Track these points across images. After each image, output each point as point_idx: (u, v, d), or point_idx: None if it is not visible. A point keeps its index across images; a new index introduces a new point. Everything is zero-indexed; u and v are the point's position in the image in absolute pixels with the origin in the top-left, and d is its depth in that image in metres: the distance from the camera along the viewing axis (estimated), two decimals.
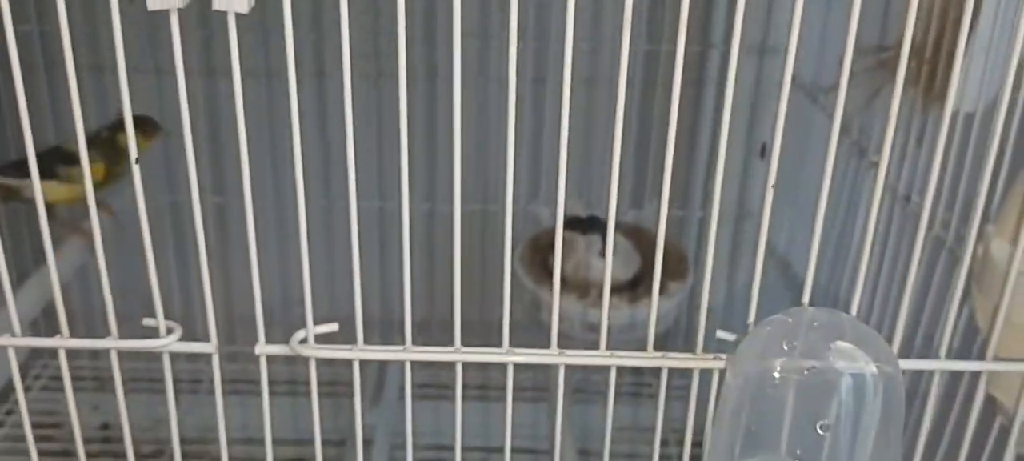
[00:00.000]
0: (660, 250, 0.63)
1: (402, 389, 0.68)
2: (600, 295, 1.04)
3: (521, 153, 1.20)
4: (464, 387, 0.67)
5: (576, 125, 1.14)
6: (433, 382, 1.20)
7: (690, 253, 1.22)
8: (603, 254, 1.06)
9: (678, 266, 1.12)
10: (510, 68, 0.57)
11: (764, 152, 1.21)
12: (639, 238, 1.13)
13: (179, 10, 0.54)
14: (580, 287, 1.06)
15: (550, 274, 1.10)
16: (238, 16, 0.55)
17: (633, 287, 1.08)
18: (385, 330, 1.15)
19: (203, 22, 1.12)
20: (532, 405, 1.22)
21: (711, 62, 1.20)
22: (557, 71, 0.60)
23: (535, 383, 1.24)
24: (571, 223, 1.08)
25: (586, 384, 1.23)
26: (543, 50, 1.18)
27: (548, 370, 1.17)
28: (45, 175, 0.94)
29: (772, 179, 0.60)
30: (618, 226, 0.64)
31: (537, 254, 1.13)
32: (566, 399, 0.68)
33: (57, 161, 0.96)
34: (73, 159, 0.95)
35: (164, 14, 0.54)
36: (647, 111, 1.21)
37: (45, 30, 1.16)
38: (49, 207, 0.97)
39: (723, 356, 0.63)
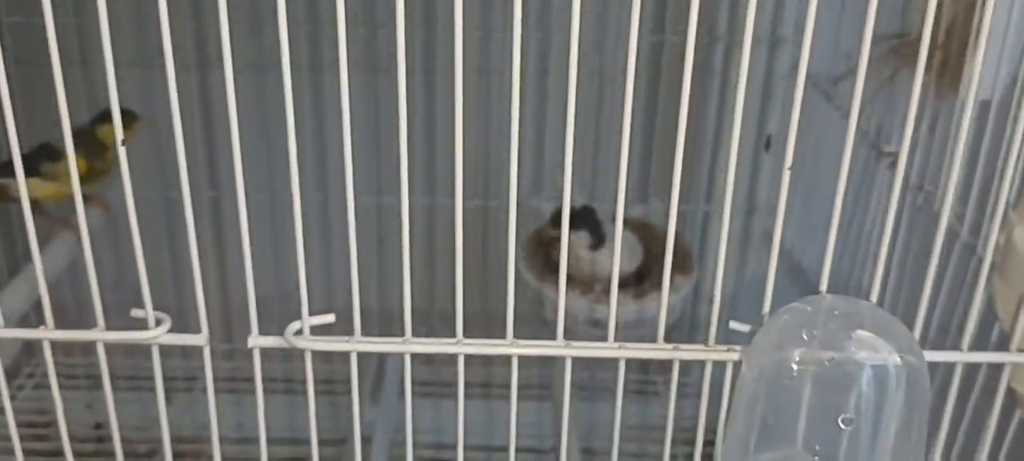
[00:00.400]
0: (670, 241, 0.61)
1: (402, 385, 0.66)
2: (604, 291, 1.02)
3: (524, 147, 1.18)
4: (466, 385, 0.65)
5: (580, 118, 1.12)
6: (434, 380, 1.18)
7: (694, 248, 1.20)
8: (593, 248, 1.04)
9: (683, 261, 1.09)
10: (513, 59, 0.54)
11: (769, 145, 1.19)
12: (643, 232, 1.11)
13: None
14: (584, 283, 1.04)
15: (552, 270, 1.08)
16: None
17: (639, 282, 1.06)
18: (384, 328, 1.12)
19: (195, 13, 1.09)
20: (536, 403, 1.19)
21: (716, 54, 1.18)
22: (560, 63, 0.58)
23: (539, 381, 1.21)
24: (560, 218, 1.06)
25: (591, 381, 1.20)
26: (546, 40, 1.15)
27: (552, 367, 1.14)
28: (30, 172, 0.91)
29: (789, 161, 0.58)
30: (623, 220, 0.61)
31: (540, 249, 1.10)
32: (571, 395, 0.65)
33: (42, 158, 0.94)
34: (58, 155, 0.93)
35: (153, 7, 0.52)
36: (651, 103, 1.19)
37: (34, 22, 1.13)
38: (37, 203, 0.95)
39: (737, 347, 0.61)
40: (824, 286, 0.60)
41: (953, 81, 0.84)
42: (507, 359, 0.63)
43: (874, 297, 0.61)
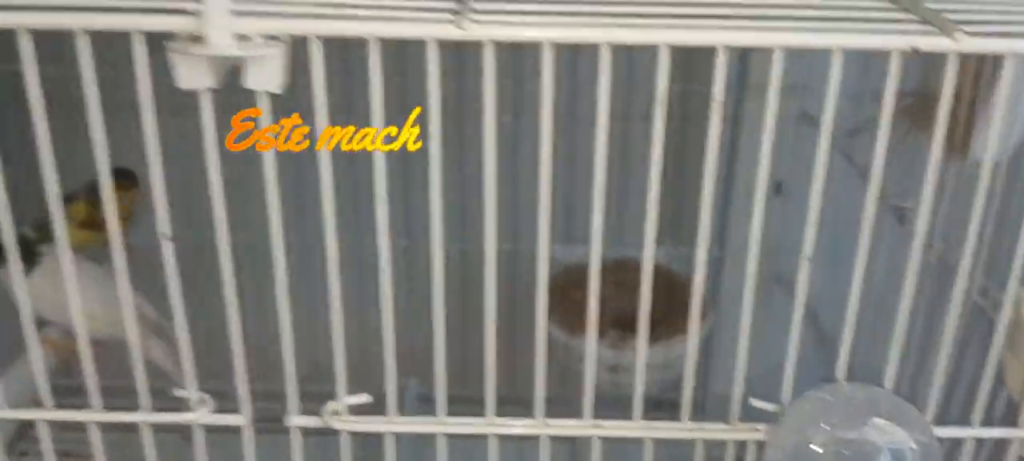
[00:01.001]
0: (696, 309, 0.62)
1: None
2: (620, 337, 1.03)
3: (555, 192, 1.18)
4: None
5: (609, 164, 1.12)
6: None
7: (707, 292, 1.21)
8: None
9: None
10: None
11: (780, 189, 1.21)
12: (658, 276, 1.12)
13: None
14: (600, 328, 1.05)
15: (573, 315, 1.08)
16: None
17: (654, 325, 1.07)
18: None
19: None
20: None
21: (726, 101, 1.18)
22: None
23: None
24: None
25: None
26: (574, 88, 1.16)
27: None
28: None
29: (809, 250, 0.60)
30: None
31: (566, 293, 1.12)
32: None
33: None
34: (70, 199, 0.92)
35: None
36: (679, 148, 1.19)
37: (14, 70, 1.12)
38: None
39: (759, 427, 0.63)
40: (842, 373, 0.62)
41: (961, 144, 0.86)
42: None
43: (890, 376, 0.63)
